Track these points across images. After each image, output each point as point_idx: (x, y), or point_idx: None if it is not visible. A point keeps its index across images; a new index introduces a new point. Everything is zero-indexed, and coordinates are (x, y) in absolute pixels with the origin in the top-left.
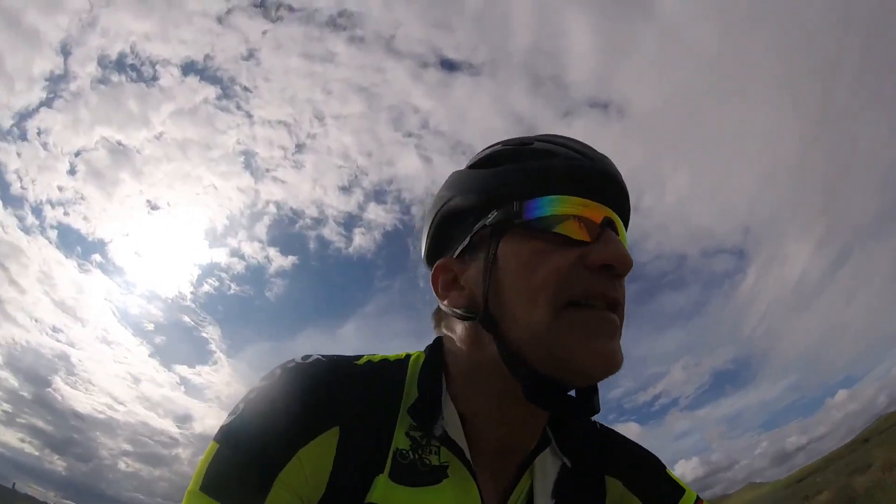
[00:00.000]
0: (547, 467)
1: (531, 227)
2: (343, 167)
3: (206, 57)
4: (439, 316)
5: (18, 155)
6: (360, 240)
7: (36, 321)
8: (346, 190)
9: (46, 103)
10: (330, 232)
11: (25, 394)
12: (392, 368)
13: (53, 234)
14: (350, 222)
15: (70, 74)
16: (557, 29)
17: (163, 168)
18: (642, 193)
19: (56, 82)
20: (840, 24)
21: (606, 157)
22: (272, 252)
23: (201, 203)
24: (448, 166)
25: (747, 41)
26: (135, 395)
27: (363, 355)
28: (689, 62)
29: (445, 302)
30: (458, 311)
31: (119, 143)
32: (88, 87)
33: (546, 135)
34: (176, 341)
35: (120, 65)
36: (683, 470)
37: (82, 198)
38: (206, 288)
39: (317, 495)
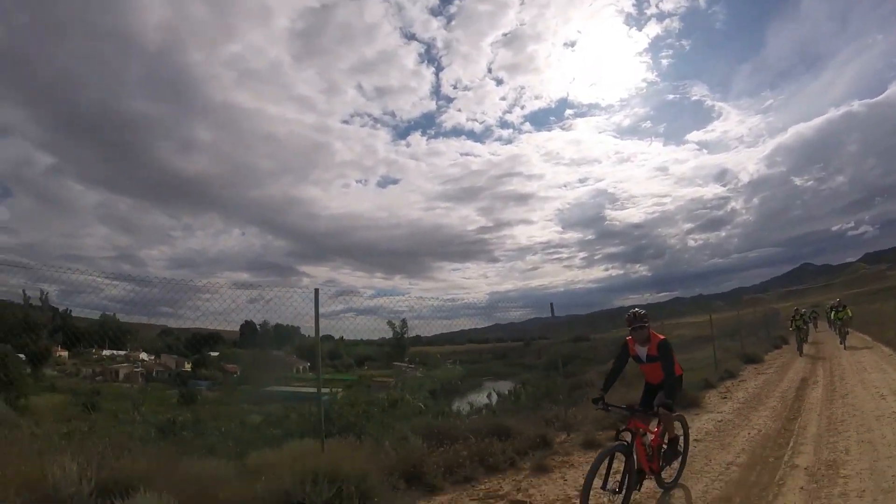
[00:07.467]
0: None
1: None
2: None
3: None
4: None
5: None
6: None
7: (542, 179)
8: None
9: None
10: None
11: (590, 237)
12: None
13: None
14: None
15: None
16: None
17: None
18: None
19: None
20: None
21: None
22: None
23: None
24: None
25: None
26: (671, 183)
27: None
28: None
29: None
30: None
31: None
32: None
33: None
34: (673, 119)
35: None
36: None
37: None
38: (664, 61)
39: None
